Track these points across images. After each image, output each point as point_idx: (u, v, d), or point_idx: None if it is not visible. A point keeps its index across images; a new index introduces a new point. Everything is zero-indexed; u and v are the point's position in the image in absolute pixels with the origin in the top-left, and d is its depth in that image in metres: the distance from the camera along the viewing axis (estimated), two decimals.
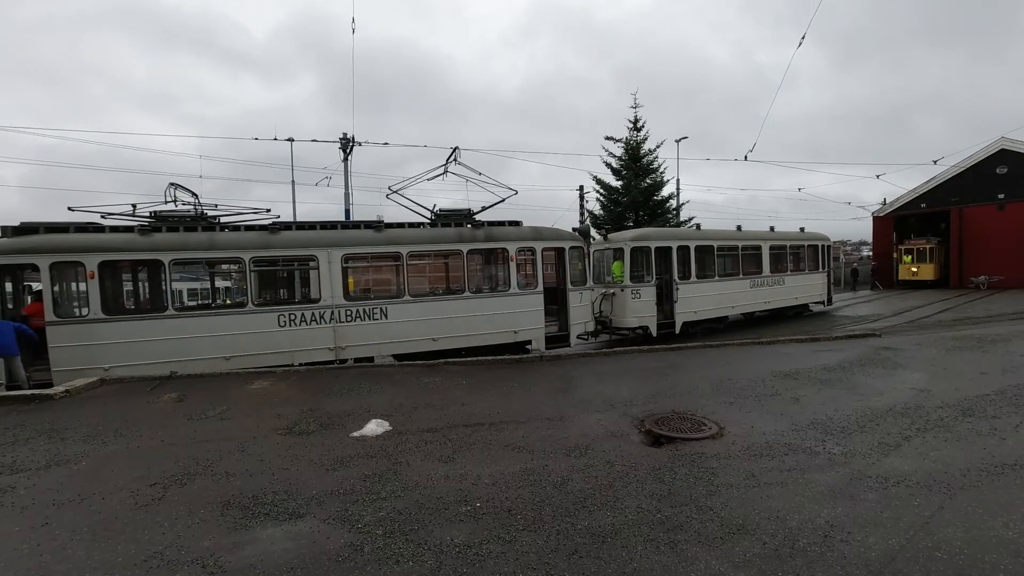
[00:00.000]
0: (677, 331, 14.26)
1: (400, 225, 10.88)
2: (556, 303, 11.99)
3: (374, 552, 3.14)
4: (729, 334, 15.35)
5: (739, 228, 18.16)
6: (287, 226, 10.11)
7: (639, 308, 13.78)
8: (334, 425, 5.73)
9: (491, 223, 11.66)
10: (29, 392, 7.37)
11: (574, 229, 12.67)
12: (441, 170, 12.17)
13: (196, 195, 10.10)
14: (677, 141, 27.39)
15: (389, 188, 11.96)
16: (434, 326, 10.44)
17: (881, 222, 33.57)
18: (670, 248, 14.54)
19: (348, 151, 22.10)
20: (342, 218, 21.31)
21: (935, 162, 25.94)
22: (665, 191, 26.31)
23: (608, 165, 26.21)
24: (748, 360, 8.87)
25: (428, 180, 12.48)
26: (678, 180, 44.26)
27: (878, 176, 55.27)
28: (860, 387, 6.82)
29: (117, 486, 4.23)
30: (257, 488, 4.12)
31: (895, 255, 31.82)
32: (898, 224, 32.96)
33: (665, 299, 14.36)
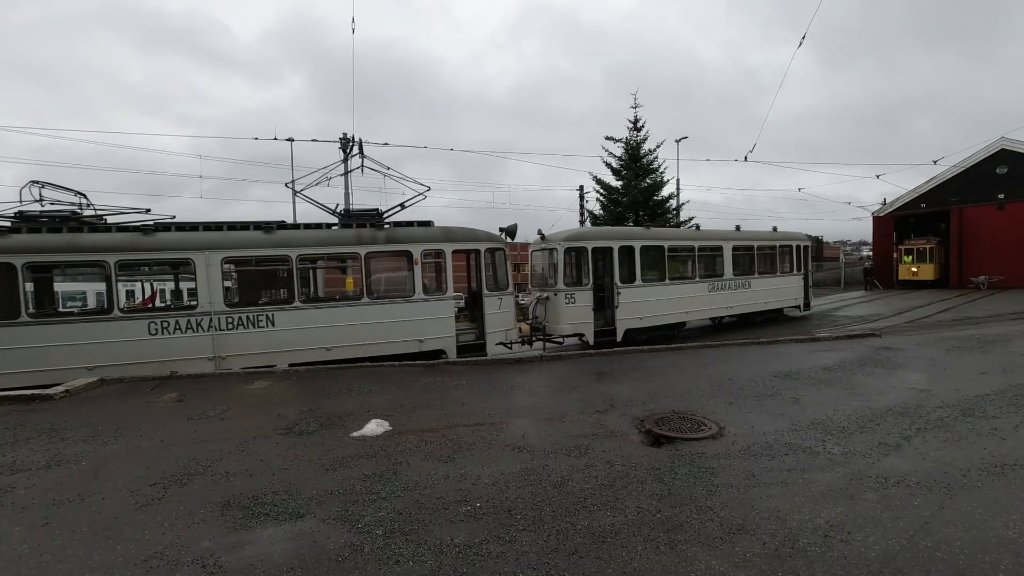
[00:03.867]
0: (618, 339, 13.13)
1: (296, 226, 10.36)
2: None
3: (374, 552, 3.14)
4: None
5: (697, 227, 17.19)
6: (166, 227, 9.49)
7: (574, 314, 12.75)
8: (334, 425, 5.73)
9: (398, 223, 11.12)
10: (29, 392, 7.37)
11: (501, 229, 11.82)
12: (354, 164, 11.97)
13: (82, 194, 9.61)
14: (677, 141, 27.44)
15: (286, 184, 11.29)
16: (328, 334, 9.86)
17: (881, 222, 33.59)
18: (610, 248, 13.38)
19: (348, 151, 22.09)
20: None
21: (935, 162, 25.96)
22: (665, 191, 26.36)
23: (608, 165, 26.26)
24: (748, 360, 8.87)
25: (342, 175, 12.22)
26: (678, 180, 44.35)
27: (878, 176, 55.50)
28: (860, 387, 6.82)
29: (117, 486, 4.23)
30: (257, 488, 4.12)
31: (895, 255, 31.84)
32: (898, 224, 32.98)
33: (607, 304, 13.32)
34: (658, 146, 26.06)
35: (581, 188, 28.40)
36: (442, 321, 10.72)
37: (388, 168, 11.88)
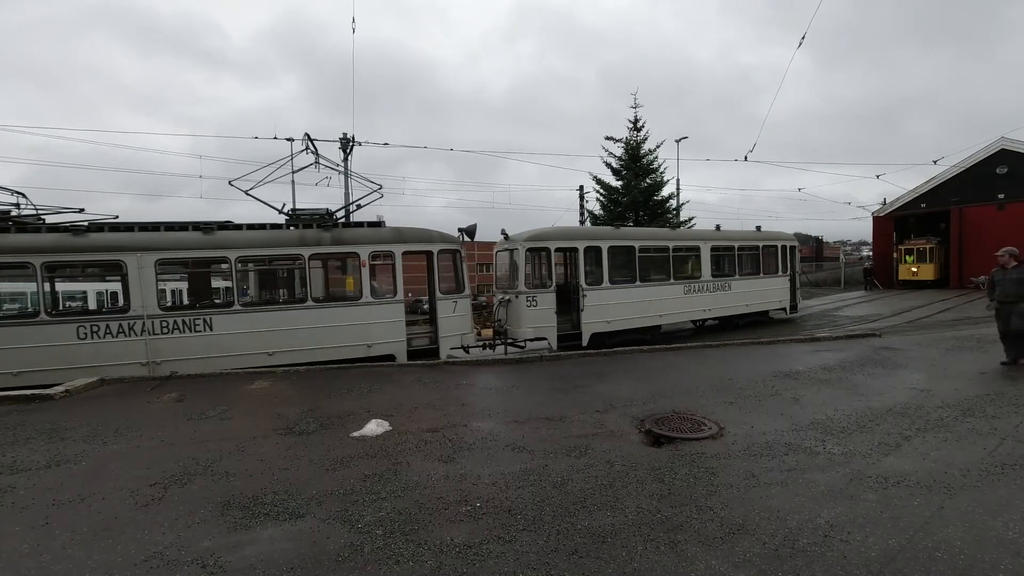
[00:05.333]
0: (584, 343, 12.60)
1: (238, 227, 10.03)
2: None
3: (374, 552, 3.14)
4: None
5: (674, 227, 16.40)
6: (100, 227, 9.18)
7: (535, 317, 12.16)
8: (334, 425, 5.73)
9: (347, 224, 10.85)
10: (29, 392, 7.37)
11: (460, 230, 11.55)
12: (303, 161, 11.51)
13: (21, 193, 9.38)
14: (677, 141, 27.43)
15: (230, 183, 10.72)
16: (270, 339, 9.59)
17: (881, 222, 33.60)
18: (575, 249, 12.87)
19: (348, 151, 22.07)
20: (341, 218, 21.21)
21: (935, 162, 25.98)
22: (665, 191, 26.36)
23: (608, 165, 26.24)
24: (748, 360, 8.87)
25: (294, 173, 11.50)
26: (678, 180, 44.35)
27: (878, 176, 55.56)
28: (860, 387, 6.82)
29: (117, 486, 4.23)
30: (257, 488, 4.12)
31: (895, 255, 31.85)
32: (898, 224, 33.00)
33: (573, 307, 12.84)
34: (658, 146, 26.06)
35: (581, 188, 28.38)
36: (391, 325, 10.42)
37: (338, 165, 11.74)
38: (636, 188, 25.21)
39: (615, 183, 26.14)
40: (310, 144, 11.43)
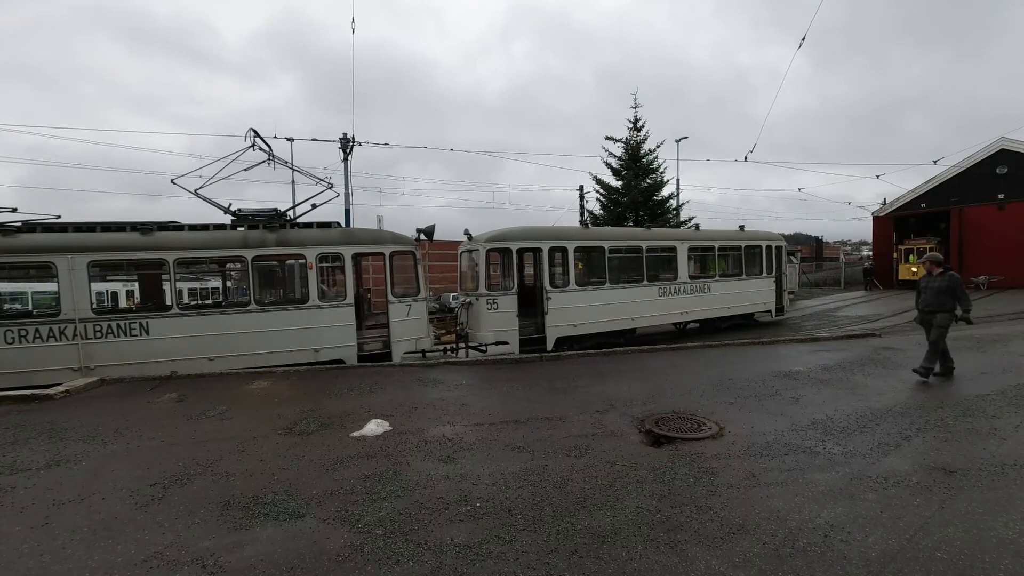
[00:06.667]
0: (549, 348, 12.08)
1: (180, 227, 9.74)
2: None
3: (374, 552, 3.14)
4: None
5: (649, 227, 16.12)
6: (32, 227, 8.97)
7: (496, 321, 11.66)
8: (334, 425, 5.73)
9: (298, 224, 10.70)
10: (29, 392, 7.37)
11: (418, 231, 11.31)
12: (254, 158, 11.02)
13: None
14: (677, 141, 27.48)
15: (172, 181, 10.31)
16: (210, 344, 9.31)
17: (881, 222, 33.61)
18: (539, 250, 12.33)
19: (348, 151, 22.06)
20: (341, 218, 21.22)
21: (935, 162, 26.01)
22: (665, 191, 26.37)
23: (608, 165, 26.24)
24: (748, 360, 8.87)
25: (246, 170, 11.09)
26: (678, 180, 44.38)
27: (878, 176, 55.69)
28: (860, 387, 6.82)
29: (117, 486, 4.23)
30: (257, 488, 4.12)
31: (895, 255, 31.86)
32: (898, 224, 33.01)
33: (538, 310, 12.32)
34: (658, 146, 26.06)
35: (581, 188, 28.43)
36: (340, 329, 10.18)
37: (288, 162, 11.60)
38: (636, 188, 25.21)
39: (615, 183, 26.15)
40: (257, 140, 11.17)
